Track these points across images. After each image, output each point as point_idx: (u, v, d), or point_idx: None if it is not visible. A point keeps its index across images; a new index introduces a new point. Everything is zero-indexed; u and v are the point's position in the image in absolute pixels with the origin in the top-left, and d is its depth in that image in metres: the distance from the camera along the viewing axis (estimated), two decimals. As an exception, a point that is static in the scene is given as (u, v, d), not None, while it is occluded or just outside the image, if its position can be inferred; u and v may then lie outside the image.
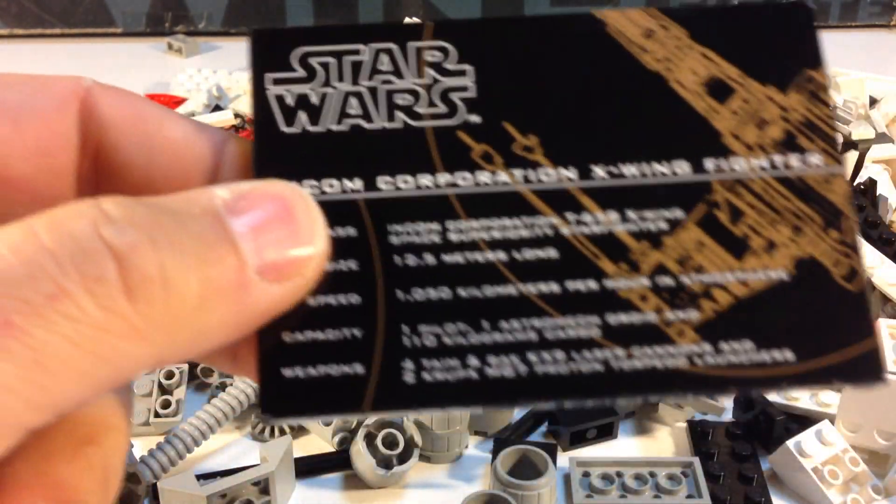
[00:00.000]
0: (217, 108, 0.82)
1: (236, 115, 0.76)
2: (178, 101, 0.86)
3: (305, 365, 0.18)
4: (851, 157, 0.68)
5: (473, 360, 0.18)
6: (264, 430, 0.53)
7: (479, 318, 0.18)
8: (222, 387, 0.52)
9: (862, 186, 0.67)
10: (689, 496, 0.47)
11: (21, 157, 0.18)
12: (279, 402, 0.18)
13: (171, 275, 0.15)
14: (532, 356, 0.18)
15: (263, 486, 0.46)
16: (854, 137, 0.67)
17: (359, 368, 0.18)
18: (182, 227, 0.16)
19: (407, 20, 0.79)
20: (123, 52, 1.07)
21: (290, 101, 0.19)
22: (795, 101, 0.20)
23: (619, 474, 0.48)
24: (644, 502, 0.47)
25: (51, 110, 0.19)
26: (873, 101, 0.81)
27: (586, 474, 0.48)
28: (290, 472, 0.49)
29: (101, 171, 0.19)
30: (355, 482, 0.50)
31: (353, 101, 0.19)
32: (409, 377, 0.18)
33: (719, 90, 0.19)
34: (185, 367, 0.54)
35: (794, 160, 0.19)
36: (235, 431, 0.53)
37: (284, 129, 0.19)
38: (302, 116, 0.19)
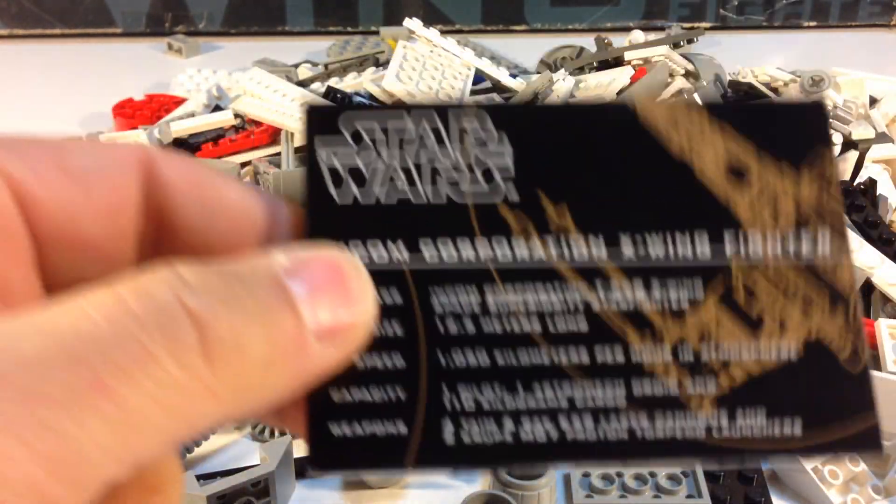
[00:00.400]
0: (217, 108, 0.82)
1: (236, 116, 0.76)
2: (178, 102, 0.86)
3: (352, 422, 0.19)
4: (851, 157, 0.68)
5: (508, 424, 0.19)
6: (264, 430, 0.53)
7: (515, 383, 0.20)
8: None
9: (862, 186, 0.67)
10: (689, 496, 0.47)
11: (90, 220, 0.19)
12: (327, 457, 0.19)
13: (242, 338, 0.16)
14: (563, 422, 0.19)
15: (263, 487, 0.46)
16: (854, 137, 0.67)
17: (402, 428, 0.19)
18: (248, 292, 0.17)
19: (407, 21, 0.79)
20: (123, 52, 1.07)
21: (341, 171, 0.21)
22: (807, 191, 0.21)
23: (619, 474, 0.48)
24: (644, 502, 0.47)
25: (117, 174, 0.20)
26: (873, 101, 0.81)
27: (586, 474, 0.48)
28: (290, 472, 0.49)
29: (163, 233, 0.20)
30: (355, 482, 0.50)
31: (401, 176, 0.21)
32: (448, 437, 0.19)
33: (739, 177, 0.21)
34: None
35: (805, 248, 0.20)
36: (235, 432, 0.53)
37: (336, 198, 0.20)
38: (352, 187, 0.21)
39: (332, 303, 0.18)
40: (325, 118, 0.21)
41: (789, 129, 0.21)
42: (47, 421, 0.14)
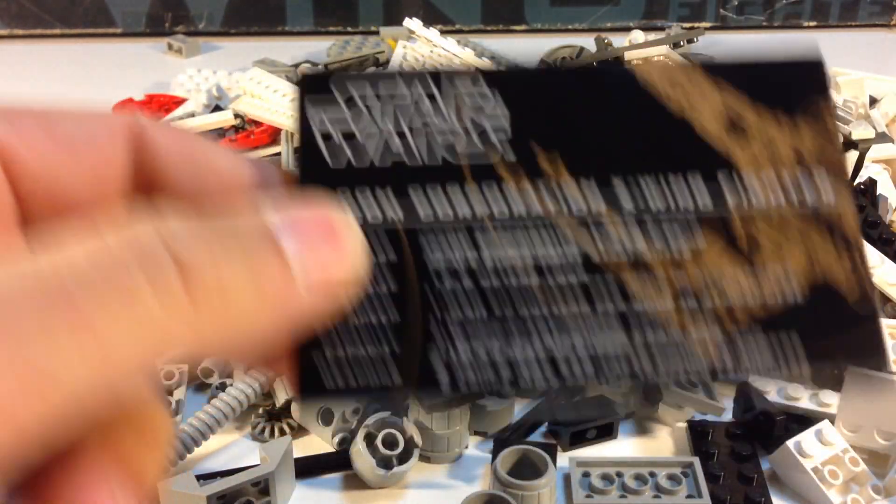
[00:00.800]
0: (217, 108, 0.82)
1: (236, 116, 0.76)
2: (178, 102, 0.86)
3: (343, 370, 0.20)
4: (851, 157, 0.68)
5: (506, 372, 0.20)
6: (264, 430, 0.53)
7: (512, 332, 0.20)
8: (222, 387, 0.52)
9: (862, 186, 0.67)
10: (689, 496, 0.47)
11: (76, 183, 0.20)
12: (313, 383, 0.19)
13: (226, 282, 0.17)
14: (563, 368, 0.19)
15: (263, 487, 0.46)
16: (854, 137, 0.67)
17: (396, 379, 0.19)
18: (238, 242, 0.17)
19: (407, 21, 0.79)
20: (123, 53, 1.07)
21: (334, 135, 0.21)
22: (808, 141, 0.21)
23: (619, 474, 0.48)
24: (644, 502, 0.47)
25: (106, 140, 0.20)
26: (873, 101, 0.81)
27: (586, 474, 0.48)
28: (290, 473, 0.49)
29: (153, 198, 0.21)
30: (355, 482, 0.50)
31: (395, 139, 0.21)
32: (444, 387, 0.19)
33: (738, 131, 0.21)
34: (186, 367, 0.54)
35: (808, 195, 0.21)
36: (235, 432, 0.53)
37: (329, 161, 0.21)
38: (346, 151, 0.21)
39: (323, 257, 0.18)
40: (318, 82, 0.21)
41: (787, 83, 0.22)
42: (19, 346, 0.14)
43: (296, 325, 0.18)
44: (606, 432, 0.53)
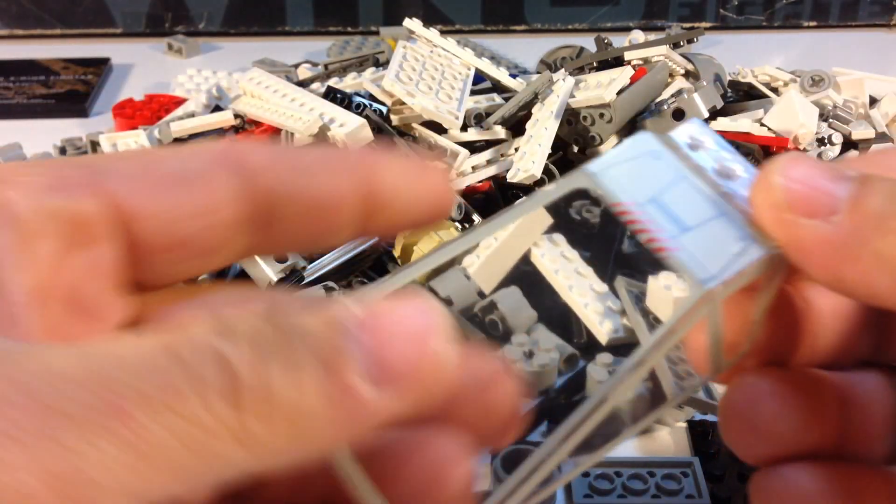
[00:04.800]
0: (217, 108, 0.82)
1: (236, 116, 0.76)
2: (178, 102, 0.86)
3: None
4: (851, 157, 0.68)
5: None
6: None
7: None
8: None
9: (862, 186, 0.67)
10: (689, 496, 0.47)
11: (188, 218, 0.20)
12: None
13: (276, 393, 0.16)
14: None
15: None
16: (854, 137, 0.67)
17: None
18: (299, 342, 0.16)
19: (407, 21, 0.79)
20: (123, 53, 1.07)
21: None
22: None
23: (618, 474, 0.48)
24: (644, 502, 0.47)
25: (209, 171, 0.20)
26: (873, 101, 0.80)
27: (586, 474, 0.48)
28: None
29: (264, 211, 0.21)
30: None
31: None
32: None
33: None
34: None
35: None
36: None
37: None
38: None
39: (407, 354, 0.17)
40: None
41: None
42: (57, 435, 0.14)
43: (363, 428, 0.17)
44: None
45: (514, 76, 0.79)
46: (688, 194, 0.22)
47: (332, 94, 0.72)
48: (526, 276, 0.59)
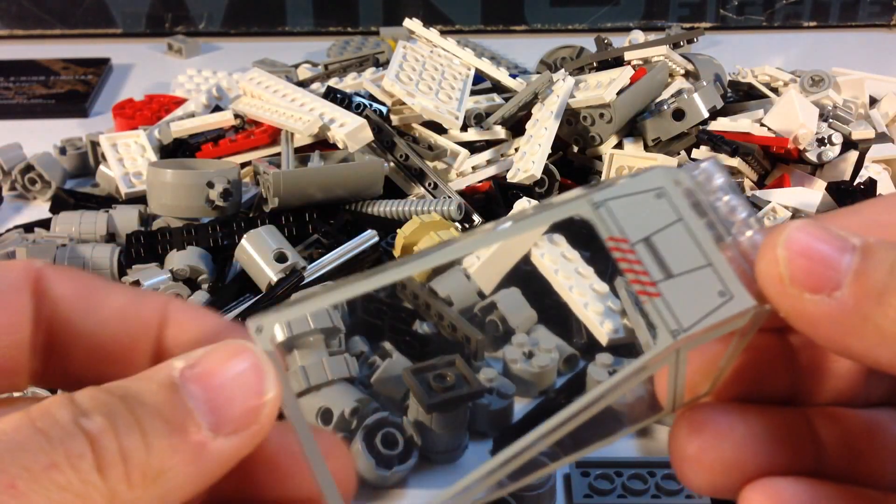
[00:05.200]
0: (217, 108, 0.82)
1: (236, 116, 0.76)
2: (178, 102, 0.86)
3: None
4: (851, 157, 0.68)
5: None
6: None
7: None
8: None
9: (862, 186, 0.67)
10: (689, 496, 0.47)
11: None
12: None
13: (129, 453, 0.18)
14: None
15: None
16: (854, 137, 0.67)
17: None
18: (141, 407, 0.19)
19: (407, 21, 0.79)
20: (123, 53, 1.07)
21: None
22: None
23: (618, 474, 0.48)
24: (644, 502, 0.47)
25: (7, 293, 0.22)
26: (873, 101, 0.80)
27: (586, 474, 0.48)
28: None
29: (55, 341, 0.22)
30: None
31: None
32: None
33: None
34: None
35: None
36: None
37: None
38: None
39: (231, 396, 0.19)
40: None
41: None
42: None
43: (214, 471, 0.19)
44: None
45: (514, 76, 0.79)
46: (681, 239, 0.22)
47: (332, 94, 0.72)
48: (526, 276, 0.59)
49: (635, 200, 0.23)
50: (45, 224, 0.67)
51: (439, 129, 0.71)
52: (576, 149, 0.72)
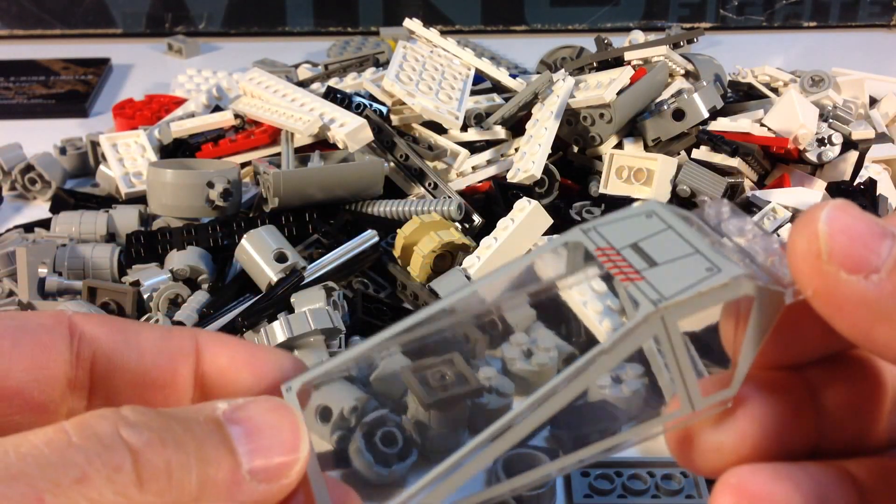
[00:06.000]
0: (217, 108, 0.82)
1: (236, 116, 0.76)
2: (178, 102, 0.86)
3: None
4: (851, 157, 0.68)
5: None
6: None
7: None
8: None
9: (862, 186, 0.67)
10: (689, 496, 0.47)
11: (19, 370, 0.22)
12: None
13: (175, 469, 0.18)
14: None
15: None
16: (854, 137, 0.67)
17: None
18: (188, 431, 0.19)
19: (407, 22, 0.79)
20: (123, 53, 1.07)
21: None
22: None
23: (618, 474, 0.48)
24: (644, 502, 0.47)
25: (42, 330, 0.22)
26: (873, 101, 0.81)
27: (586, 474, 0.48)
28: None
29: (98, 379, 0.23)
30: (354, 481, 0.50)
31: None
32: None
33: None
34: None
35: None
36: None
37: None
38: None
39: (268, 446, 0.20)
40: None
41: None
42: None
43: None
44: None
45: (514, 76, 0.79)
46: (669, 239, 0.22)
47: (332, 94, 0.72)
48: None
49: (626, 223, 0.23)
50: (45, 224, 0.67)
51: (439, 129, 0.71)
52: (576, 149, 0.72)
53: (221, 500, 0.19)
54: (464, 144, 0.70)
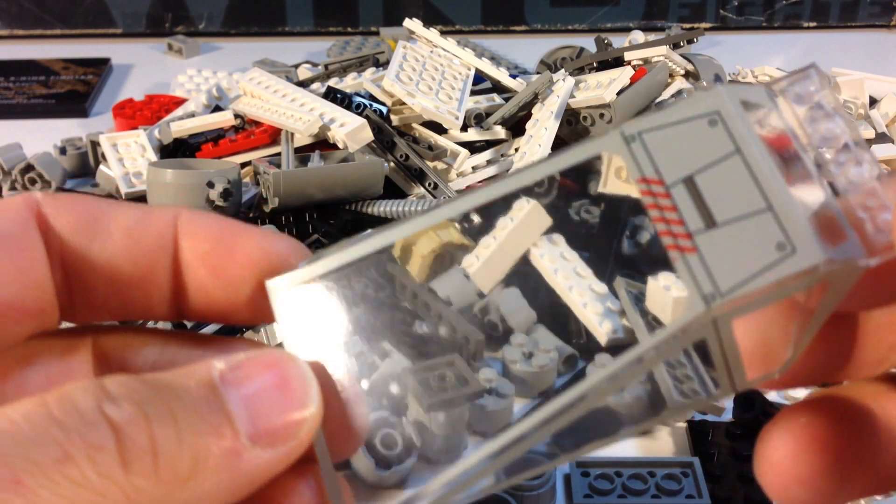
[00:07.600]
0: (217, 108, 0.82)
1: (236, 116, 0.76)
2: (179, 102, 0.86)
3: None
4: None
5: None
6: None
7: None
8: None
9: (862, 187, 0.67)
10: (689, 496, 0.47)
11: (5, 283, 0.20)
12: None
13: (162, 447, 0.17)
14: None
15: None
16: (854, 138, 0.67)
17: None
18: (177, 401, 0.17)
19: (407, 22, 0.79)
20: (123, 53, 1.07)
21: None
22: None
23: (618, 474, 0.48)
24: (644, 502, 0.47)
25: (16, 231, 0.20)
26: (873, 101, 0.81)
27: (586, 474, 0.48)
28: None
29: (71, 275, 0.21)
30: (354, 482, 0.50)
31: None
32: None
33: None
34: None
35: None
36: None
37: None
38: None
39: (272, 404, 0.18)
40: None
41: None
42: None
43: (246, 481, 0.18)
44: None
45: (514, 76, 0.79)
46: (735, 177, 0.17)
47: (332, 94, 0.72)
48: (526, 276, 0.59)
49: (681, 130, 0.18)
50: (44, 224, 0.67)
51: (439, 129, 0.71)
52: (576, 149, 0.72)
53: (219, 474, 0.17)
54: (464, 144, 0.70)
